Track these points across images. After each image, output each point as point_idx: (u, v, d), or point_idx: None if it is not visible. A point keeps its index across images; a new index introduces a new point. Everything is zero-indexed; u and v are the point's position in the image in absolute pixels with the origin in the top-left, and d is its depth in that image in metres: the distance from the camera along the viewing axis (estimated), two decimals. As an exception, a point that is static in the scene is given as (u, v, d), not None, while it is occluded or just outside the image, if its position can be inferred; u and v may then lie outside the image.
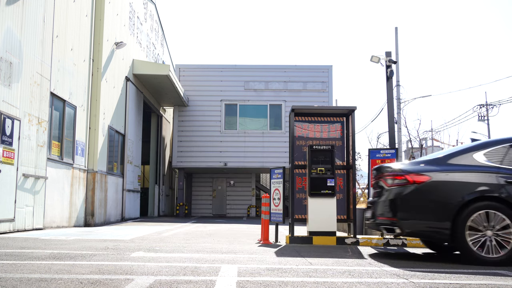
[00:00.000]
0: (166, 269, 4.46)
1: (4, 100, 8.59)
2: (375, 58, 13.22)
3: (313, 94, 23.35)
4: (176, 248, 6.73)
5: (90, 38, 13.39)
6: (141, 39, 18.97)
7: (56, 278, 3.86)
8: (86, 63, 13.07)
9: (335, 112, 8.84)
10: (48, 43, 10.46)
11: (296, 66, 23.78)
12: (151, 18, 20.84)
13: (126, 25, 16.40)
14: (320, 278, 4.12)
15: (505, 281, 4.24)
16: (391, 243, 7.62)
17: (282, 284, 3.80)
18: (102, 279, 3.87)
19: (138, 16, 18.38)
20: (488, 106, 36.39)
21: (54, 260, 4.90)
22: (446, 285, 3.92)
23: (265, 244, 7.55)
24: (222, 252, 6.31)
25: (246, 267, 4.69)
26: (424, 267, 5.13)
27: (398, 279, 4.17)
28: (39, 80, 10.00)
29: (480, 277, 4.42)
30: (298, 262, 5.24)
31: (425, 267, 5.13)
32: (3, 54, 8.60)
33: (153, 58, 21.32)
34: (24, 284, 3.59)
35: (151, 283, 3.73)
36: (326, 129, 8.76)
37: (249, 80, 23.47)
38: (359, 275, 4.38)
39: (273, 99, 23.38)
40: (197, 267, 4.65)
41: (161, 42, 23.42)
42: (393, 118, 12.37)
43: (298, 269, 4.59)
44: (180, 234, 9.32)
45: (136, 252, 6.07)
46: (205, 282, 3.79)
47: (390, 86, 12.50)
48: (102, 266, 4.60)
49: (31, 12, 9.67)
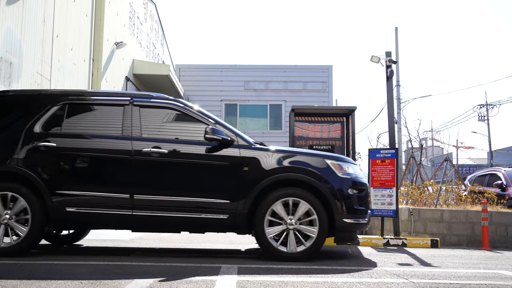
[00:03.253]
0: (166, 269, 4.46)
1: (4, 100, 8.59)
2: (375, 58, 13.20)
3: (313, 94, 23.34)
4: (176, 248, 6.73)
5: (90, 38, 13.39)
6: (141, 39, 18.97)
7: (56, 278, 3.86)
8: (86, 63, 13.07)
9: (335, 112, 8.84)
10: (48, 43, 10.46)
11: (296, 66, 23.77)
12: (151, 18, 20.85)
13: (126, 25, 16.40)
14: (320, 278, 4.12)
15: (505, 281, 4.24)
16: (391, 243, 7.62)
17: (282, 284, 3.80)
18: (102, 278, 3.87)
19: (138, 16, 18.38)
20: (488, 106, 36.38)
21: (54, 260, 4.90)
22: (446, 285, 3.92)
23: (265, 244, 7.53)
24: (222, 251, 6.31)
25: (246, 267, 4.69)
26: (424, 267, 5.13)
27: (398, 279, 4.17)
28: (39, 80, 10.00)
29: (481, 277, 4.42)
30: (298, 262, 5.24)
31: (425, 267, 5.13)
32: (3, 54, 8.60)
33: (153, 58, 21.32)
34: (24, 284, 3.59)
35: (151, 283, 3.73)
36: (326, 129, 8.76)
37: (249, 80, 23.47)
38: (359, 275, 4.38)
39: (273, 99, 23.38)
40: (197, 266, 4.65)
41: (161, 42, 23.42)
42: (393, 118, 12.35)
43: (298, 269, 4.59)
44: (179, 234, 9.31)
45: (136, 252, 6.07)
46: (205, 282, 3.79)
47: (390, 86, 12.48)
48: (102, 266, 4.60)
49: (31, 12, 9.67)
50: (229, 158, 5.28)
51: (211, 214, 5.19)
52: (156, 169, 5.26)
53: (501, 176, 11.64)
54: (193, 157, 5.29)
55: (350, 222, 5.26)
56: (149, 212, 5.19)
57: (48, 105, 5.50)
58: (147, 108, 5.53)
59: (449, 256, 6.41)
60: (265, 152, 5.34)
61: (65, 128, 5.43)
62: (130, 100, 5.55)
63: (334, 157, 5.54)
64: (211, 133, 5.19)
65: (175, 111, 5.51)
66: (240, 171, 5.25)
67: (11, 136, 5.38)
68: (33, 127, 5.39)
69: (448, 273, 4.66)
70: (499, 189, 11.19)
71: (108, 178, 5.32)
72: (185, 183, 5.28)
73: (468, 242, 8.25)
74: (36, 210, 5.13)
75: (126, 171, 5.27)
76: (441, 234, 8.26)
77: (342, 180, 5.32)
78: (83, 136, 5.41)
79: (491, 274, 4.68)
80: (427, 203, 9.24)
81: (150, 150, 5.26)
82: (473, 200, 9.56)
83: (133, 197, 5.19)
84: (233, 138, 5.34)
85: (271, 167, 5.26)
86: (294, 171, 5.29)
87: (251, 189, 5.18)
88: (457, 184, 12.43)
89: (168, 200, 5.20)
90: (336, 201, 5.21)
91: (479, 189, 10.86)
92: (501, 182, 11.36)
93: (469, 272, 4.81)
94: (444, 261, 5.69)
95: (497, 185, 11.35)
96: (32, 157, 5.28)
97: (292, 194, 5.21)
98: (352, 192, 5.32)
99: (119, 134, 5.37)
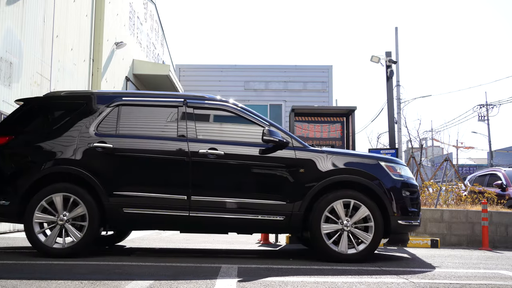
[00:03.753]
0: (166, 269, 4.46)
1: (4, 100, 8.59)
2: (375, 58, 13.21)
3: (313, 94, 23.34)
4: (176, 248, 6.73)
5: (90, 38, 13.39)
6: (141, 39, 18.97)
7: (56, 278, 3.86)
8: (86, 63, 13.07)
9: (335, 112, 8.85)
10: (48, 43, 10.46)
11: (296, 66, 23.77)
12: (151, 18, 20.85)
13: (126, 25, 16.40)
14: (320, 278, 4.12)
15: (505, 281, 4.24)
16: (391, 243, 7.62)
17: (282, 284, 3.80)
18: (102, 279, 3.87)
19: (138, 16, 18.38)
20: (488, 106, 36.39)
21: (54, 260, 4.90)
22: (446, 285, 3.92)
23: (265, 244, 7.55)
24: (222, 252, 6.32)
25: (246, 267, 4.69)
26: (424, 267, 5.13)
27: (398, 279, 4.17)
28: (39, 80, 10.01)
29: (481, 277, 4.42)
30: (298, 262, 5.24)
31: (425, 267, 5.13)
32: (3, 54, 8.60)
33: (153, 58, 21.33)
34: (24, 284, 3.59)
35: (151, 283, 3.73)
36: (326, 129, 8.76)
37: (249, 80, 23.47)
38: (359, 275, 4.37)
39: (273, 99, 23.37)
40: (197, 267, 4.65)
41: (161, 42, 23.42)
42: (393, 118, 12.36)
43: (298, 269, 4.59)
44: (179, 234, 9.32)
45: (136, 252, 6.07)
46: (205, 282, 3.79)
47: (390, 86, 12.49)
48: (102, 266, 4.60)
49: (31, 12, 9.67)
50: (285, 160, 5.29)
51: (267, 215, 5.20)
52: (213, 170, 5.27)
53: (501, 176, 11.64)
54: (250, 158, 5.30)
55: (404, 224, 5.29)
56: (206, 213, 5.19)
57: (102, 106, 5.50)
58: (201, 110, 5.56)
59: (449, 256, 6.41)
60: (320, 153, 5.36)
61: (120, 129, 5.42)
62: (184, 101, 5.57)
63: (387, 159, 5.60)
64: (269, 134, 5.19)
65: (228, 113, 5.52)
66: (297, 173, 5.26)
67: (66, 137, 5.37)
68: (88, 128, 5.38)
69: (448, 273, 4.66)
70: (499, 189, 11.19)
71: (165, 179, 5.30)
72: (241, 185, 5.30)
73: (468, 242, 8.25)
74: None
75: (183, 172, 5.26)
76: (441, 234, 8.26)
77: (396, 182, 5.34)
78: (139, 137, 5.39)
79: (491, 274, 4.68)
80: (427, 203, 9.24)
81: (207, 151, 5.25)
82: (473, 200, 9.55)
83: (190, 198, 5.18)
84: (288, 140, 5.35)
85: (327, 169, 5.27)
86: (349, 173, 5.31)
87: (308, 191, 5.20)
88: (457, 184, 12.43)
89: (225, 202, 5.20)
90: (391, 203, 5.22)
91: (479, 189, 10.86)
92: (501, 182, 11.37)
93: (469, 272, 4.81)
94: (444, 261, 5.69)
95: (497, 185, 11.35)
96: (89, 158, 5.27)
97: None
98: (405, 194, 5.34)
99: (175, 136, 5.38)
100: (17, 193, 5.19)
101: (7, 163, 5.36)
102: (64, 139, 5.36)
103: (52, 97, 5.89)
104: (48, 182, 5.23)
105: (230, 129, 5.52)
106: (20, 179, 5.26)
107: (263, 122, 5.49)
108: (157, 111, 5.57)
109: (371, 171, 5.31)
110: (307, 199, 5.19)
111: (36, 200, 5.13)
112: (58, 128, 5.44)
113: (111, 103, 5.52)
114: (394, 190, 5.29)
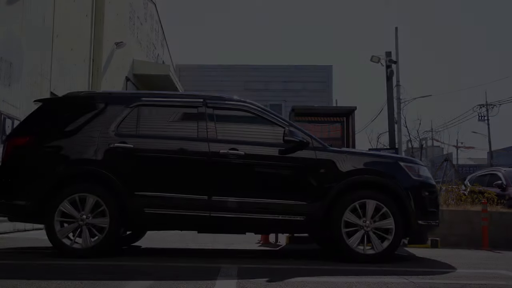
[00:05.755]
0: (166, 269, 4.46)
1: (4, 100, 8.59)
2: (375, 58, 13.24)
3: (313, 94, 23.35)
4: (176, 248, 6.73)
5: (90, 38, 13.38)
6: (141, 39, 18.97)
7: (56, 278, 3.86)
8: (86, 63, 13.07)
9: (335, 112, 8.84)
10: (48, 43, 10.46)
11: (296, 66, 23.78)
12: (151, 18, 20.84)
13: (126, 25, 16.40)
14: (320, 278, 4.12)
15: (505, 281, 4.24)
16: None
17: (282, 284, 3.80)
18: (102, 279, 3.87)
19: (138, 16, 18.38)
20: (488, 106, 36.42)
21: (54, 260, 4.90)
22: (446, 285, 3.92)
23: (265, 244, 7.55)
24: (222, 252, 6.32)
25: (246, 267, 4.69)
26: (424, 267, 5.13)
27: (398, 279, 4.17)
28: (39, 80, 10.01)
29: (481, 277, 4.41)
30: (298, 262, 5.24)
31: (425, 267, 5.13)
32: (3, 54, 8.60)
33: (153, 58, 21.32)
34: (24, 284, 3.58)
35: (151, 283, 3.73)
36: (326, 129, 8.76)
37: (249, 80, 23.47)
38: (359, 275, 4.37)
39: (273, 99, 23.38)
40: (197, 267, 4.65)
41: (161, 42, 23.42)
42: (393, 118, 12.38)
43: (298, 269, 4.59)
44: (180, 234, 9.32)
45: (136, 252, 6.07)
46: (205, 283, 3.79)
47: (390, 86, 12.50)
48: (102, 266, 4.60)
49: (31, 12, 9.67)
50: (306, 160, 5.27)
51: (288, 216, 5.18)
52: (233, 170, 5.24)
53: (501, 176, 11.63)
54: (270, 159, 5.29)
55: (423, 224, 5.28)
56: (227, 213, 5.17)
57: (121, 107, 5.47)
58: (220, 110, 5.53)
59: (449, 256, 6.41)
60: (339, 154, 5.35)
61: (140, 129, 5.39)
62: (203, 101, 5.54)
63: (406, 159, 5.61)
64: (290, 135, 5.17)
65: (247, 113, 5.50)
66: (317, 173, 5.24)
67: (86, 137, 5.34)
68: (108, 129, 5.34)
69: (448, 273, 4.66)
70: (499, 189, 11.17)
71: (186, 180, 5.28)
72: (262, 185, 5.27)
73: (468, 242, 8.25)
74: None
75: (204, 172, 5.24)
76: (441, 234, 8.25)
77: (415, 182, 5.33)
78: (159, 137, 5.37)
79: (491, 274, 4.68)
80: (427, 203, 9.22)
81: (228, 151, 5.23)
82: (473, 200, 9.55)
83: (211, 198, 5.16)
84: (308, 140, 5.32)
85: (347, 169, 5.25)
86: (369, 173, 5.30)
87: (328, 191, 5.18)
88: (457, 184, 12.43)
89: (246, 202, 5.17)
90: (410, 203, 5.21)
91: (479, 189, 10.85)
92: (501, 182, 11.36)
93: (469, 272, 4.80)
94: (444, 261, 5.69)
95: (497, 185, 11.34)
96: (110, 158, 5.25)
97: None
98: (425, 194, 5.32)
99: (195, 136, 5.35)
100: (37, 193, 5.15)
101: (27, 163, 5.33)
102: (84, 140, 5.33)
103: (71, 97, 5.87)
104: (69, 182, 5.21)
105: (249, 129, 5.49)
106: (40, 180, 5.21)
107: (282, 122, 5.46)
108: (176, 112, 5.55)
109: (391, 171, 5.32)
110: (328, 199, 5.16)
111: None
112: (77, 128, 5.40)
113: (132, 104, 5.49)
114: (414, 190, 5.27)
